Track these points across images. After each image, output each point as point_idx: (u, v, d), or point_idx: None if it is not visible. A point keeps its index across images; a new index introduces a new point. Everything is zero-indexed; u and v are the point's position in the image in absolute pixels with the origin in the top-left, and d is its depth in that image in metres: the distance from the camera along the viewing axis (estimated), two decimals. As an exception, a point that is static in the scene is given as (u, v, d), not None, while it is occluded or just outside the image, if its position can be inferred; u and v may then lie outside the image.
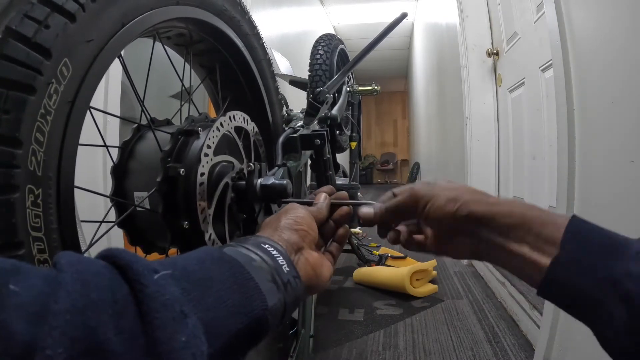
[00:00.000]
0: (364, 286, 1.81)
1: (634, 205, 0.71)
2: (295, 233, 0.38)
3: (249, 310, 0.28)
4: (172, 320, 0.22)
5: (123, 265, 0.23)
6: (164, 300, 0.22)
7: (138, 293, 0.22)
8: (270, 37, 2.61)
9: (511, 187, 1.89)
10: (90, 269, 0.21)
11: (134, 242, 0.52)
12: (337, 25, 5.81)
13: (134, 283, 0.22)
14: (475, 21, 2.10)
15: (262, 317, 0.29)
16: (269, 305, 0.30)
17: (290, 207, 0.41)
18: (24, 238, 0.30)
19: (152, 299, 0.22)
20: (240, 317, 0.27)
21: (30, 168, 0.31)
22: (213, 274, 0.28)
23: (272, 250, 0.34)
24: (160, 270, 0.24)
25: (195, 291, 0.25)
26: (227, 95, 0.72)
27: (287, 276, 0.33)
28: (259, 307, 0.29)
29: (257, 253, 0.33)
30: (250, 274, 0.30)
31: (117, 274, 0.22)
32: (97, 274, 0.21)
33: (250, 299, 0.29)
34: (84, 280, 0.20)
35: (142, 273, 0.22)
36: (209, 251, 0.31)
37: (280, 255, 0.34)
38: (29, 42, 0.30)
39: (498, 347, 1.20)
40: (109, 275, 0.22)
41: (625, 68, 0.74)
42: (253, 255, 0.32)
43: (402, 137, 9.86)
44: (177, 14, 0.50)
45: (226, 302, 0.27)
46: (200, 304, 0.25)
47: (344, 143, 1.27)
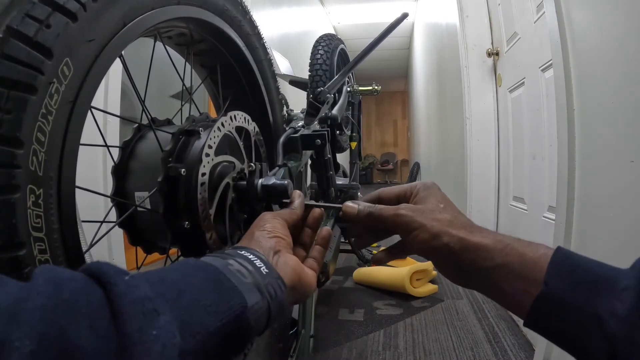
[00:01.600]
0: (364, 286, 1.81)
1: (634, 205, 0.71)
2: (269, 240, 0.37)
3: (227, 309, 0.28)
4: (141, 315, 0.22)
5: (96, 271, 0.23)
6: (134, 297, 0.22)
7: (109, 293, 0.22)
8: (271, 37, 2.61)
9: (511, 187, 1.89)
10: (64, 275, 0.22)
11: (134, 242, 0.51)
12: (337, 25, 5.81)
13: (106, 285, 0.22)
14: (475, 21, 2.10)
15: (241, 316, 0.28)
16: (248, 304, 0.29)
17: (260, 219, 0.40)
18: (25, 238, 0.30)
19: (122, 296, 0.22)
20: (218, 315, 0.27)
21: (31, 168, 0.31)
22: (188, 276, 0.28)
23: (249, 254, 0.34)
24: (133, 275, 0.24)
25: (169, 292, 0.25)
26: (227, 95, 0.72)
27: (267, 278, 0.32)
28: (238, 305, 0.28)
29: (234, 259, 0.32)
30: (226, 276, 0.30)
31: (90, 280, 0.22)
32: (71, 279, 0.21)
33: (228, 298, 0.28)
34: (56, 284, 0.20)
35: (112, 275, 0.23)
36: (186, 260, 0.31)
37: (257, 259, 0.33)
38: (30, 42, 0.30)
39: (498, 347, 1.20)
40: (82, 280, 0.22)
41: (625, 68, 0.74)
42: (230, 260, 0.32)
43: (402, 137, 9.86)
44: (178, 13, 0.50)
45: (202, 302, 0.27)
46: (175, 304, 0.25)
47: (344, 143, 1.27)
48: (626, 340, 0.28)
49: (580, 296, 0.30)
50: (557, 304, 0.31)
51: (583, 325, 0.30)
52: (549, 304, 0.31)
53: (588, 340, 0.29)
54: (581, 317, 0.30)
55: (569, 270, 0.32)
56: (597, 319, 0.29)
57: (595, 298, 0.30)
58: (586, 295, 0.30)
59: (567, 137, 0.95)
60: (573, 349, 0.31)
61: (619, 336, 0.28)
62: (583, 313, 0.30)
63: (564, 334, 0.31)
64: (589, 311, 0.29)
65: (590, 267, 0.32)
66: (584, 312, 0.30)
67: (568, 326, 0.30)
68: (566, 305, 0.30)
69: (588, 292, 0.30)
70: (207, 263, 0.31)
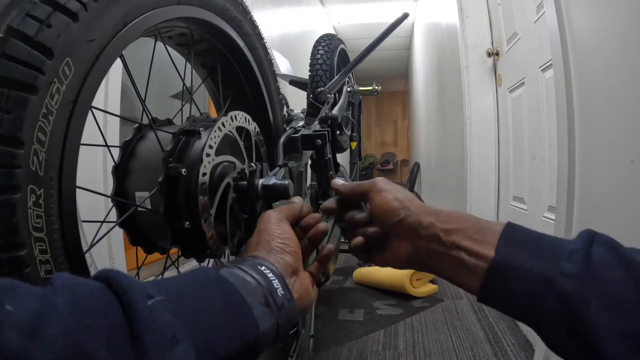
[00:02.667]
0: (364, 286, 1.81)
1: (634, 205, 0.71)
2: (288, 255, 0.38)
3: (241, 336, 0.29)
4: (163, 345, 0.22)
5: (118, 288, 0.23)
6: (156, 326, 0.23)
7: (132, 318, 0.22)
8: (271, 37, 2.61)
9: (511, 187, 1.89)
10: (85, 291, 0.22)
11: (134, 242, 0.51)
12: (337, 25, 5.81)
13: (128, 308, 0.22)
14: (475, 21, 2.10)
15: (253, 343, 0.30)
16: (260, 330, 0.30)
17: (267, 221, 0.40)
18: (26, 238, 0.30)
19: (145, 324, 0.22)
20: (232, 343, 0.28)
21: (32, 168, 0.30)
22: (206, 297, 0.29)
23: (268, 272, 0.34)
24: (154, 295, 0.24)
25: (187, 316, 0.26)
26: (228, 95, 0.72)
27: (281, 299, 0.33)
28: (252, 333, 0.30)
29: (252, 275, 0.33)
30: (244, 298, 0.30)
31: (112, 297, 0.23)
32: (92, 297, 0.22)
33: (243, 325, 0.29)
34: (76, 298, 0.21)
35: (136, 299, 0.23)
36: (205, 272, 0.31)
37: (275, 278, 0.34)
38: (30, 42, 0.30)
39: (498, 347, 1.20)
40: (103, 298, 0.22)
41: (625, 68, 0.74)
42: (248, 277, 0.33)
43: (402, 137, 9.86)
44: (179, 13, 0.50)
45: (219, 328, 0.27)
46: (193, 329, 0.25)
47: (344, 143, 1.27)
48: (580, 296, 0.28)
49: (530, 260, 0.31)
50: (509, 270, 0.32)
51: (536, 288, 0.30)
52: (502, 271, 0.32)
53: (542, 302, 0.30)
54: (533, 279, 0.30)
55: (518, 240, 0.33)
56: (548, 280, 0.30)
57: (545, 261, 0.31)
58: (536, 260, 0.31)
59: (567, 137, 0.95)
60: (529, 317, 0.32)
61: (572, 294, 0.29)
62: (534, 275, 0.30)
63: (518, 301, 0.32)
64: (540, 273, 0.30)
65: (538, 236, 0.33)
66: (535, 275, 0.30)
67: (521, 291, 0.31)
68: (518, 269, 0.31)
69: (538, 257, 0.31)
70: (225, 278, 0.31)
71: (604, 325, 0.27)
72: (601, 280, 0.28)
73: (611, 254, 0.29)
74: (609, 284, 0.28)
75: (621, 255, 0.29)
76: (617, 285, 0.28)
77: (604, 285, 0.28)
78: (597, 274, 0.29)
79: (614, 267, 0.28)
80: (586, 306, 0.28)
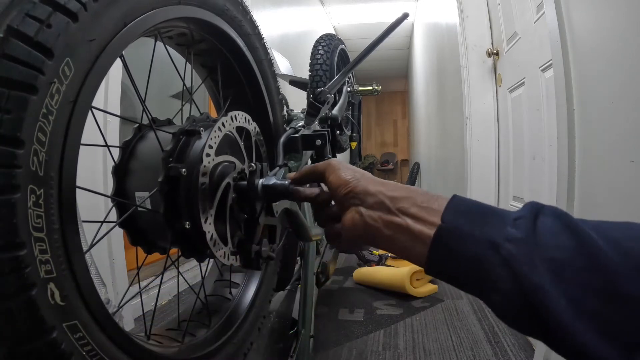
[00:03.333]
0: (364, 286, 1.81)
1: (634, 205, 0.71)
2: None
3: None
4: None
5: None
6: None
7: None
8: (271, 37, 2.61)
9: (511, 187, 1.89)
10: None
11: (134, 242, 0.51)
12: (337, 25, 5.81)
13: None
14: (475, 21, 2.10)
15: None
16: None
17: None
18: (26, 238, 0.30)
19: None
20: None
21: (32, 168, 0.30)
22: None
23: None
24: None
25: None
26: (228, 95, 0.72)
27: None
28: None
29: None
30: None
31: None
32: None
33: None
34: None
35: None
36: None
37: None
38: (30, 42, 0.30)
39: (498, 347, 1.20)
40: None
41: (625, 68, 0.74)
42: None
43: (402, 137, 9.86)
44: (179, 13, 0.50)
45: None
46: None
47: (344, 143, 1.27)
48: (525, 260, 0.29)
49: (476, 227, 0.31)
50: (455, 237, 0.32)
51: (481, 254, 0.30)
52: (448, 238, 0.32)
53: (489, 268, 0.30)
54: (479, 245, 0.31)
55: (464, 209, 0.33)
56: (494, 245, 0.30)
57: (490, 227, 0.31)
58: (481, 226, 0.31)
59: (567, 137, 0.95)
60: (475, 284, 0.32)
61: (517, 258, 0.29)
62: (480, 241, 0.31)
63: (464, 268, 0.32)
64: (486, 239, 0.31)
65: (485, 205, 0.34)
66: (481, 240, 0.31)
67: (467, 258, 0.31)
68: (463, 236, 0.32)
69: (483, 224, 0.31)
70: None
71: (549, 288, 0.27)
72: (547, 246, 0.29)
73: (558, 222, 0.30)
74: (555, 249, 0.28)
75: (568, 224, 0.29)
76: (563, 250, 0.28)
77: (549, 250, 0.28)
78: (542, 240, 0.29)
79: (561, 233, 0.29)
80: (531, 270, 0.28)
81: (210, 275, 0.76)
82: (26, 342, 0.30)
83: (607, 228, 0.29)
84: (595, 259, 0.27)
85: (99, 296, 0.37)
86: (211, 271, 0.77)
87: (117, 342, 0.39)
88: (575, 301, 0.27)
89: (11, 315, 0.29)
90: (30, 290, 0.30)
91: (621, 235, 0.28)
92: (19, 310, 0.29)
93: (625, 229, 0.29)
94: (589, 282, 0.27)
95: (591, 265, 0.27)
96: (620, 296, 0.26)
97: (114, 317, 0.40)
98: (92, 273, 1.05)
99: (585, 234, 0.28)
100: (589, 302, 0.27)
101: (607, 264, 0.27)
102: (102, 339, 0.37)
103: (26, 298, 0.30)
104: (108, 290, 1.21)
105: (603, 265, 0.27)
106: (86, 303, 0.35)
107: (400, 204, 0.36)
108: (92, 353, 0.35)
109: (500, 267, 0.29)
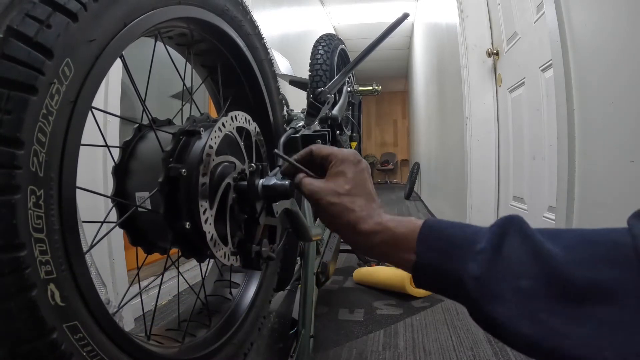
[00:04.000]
0: (364, 286, 1.81)
1: (634, 205, 0.71)
2: None
3: None
4: None
5: None
6: None
7: None
8: (271, 37, 2.61)
9: (511, 187, 1.89)
10: None
11: (135, 242, 0.51)
12: (337, 25, 5.81)
13: None
14: (475, 21, 2.10)
15: None
16: None
17: None
18: (26, 239, 0.30)
19: None
20: None
21: (32, 169, 0.30)
22: None
23: None
24: None
25: None
26: (228, 95, 0.72)
27: None
28: None
29: None
30: None
31: None
32: None
33: None
34: None
35: None
36: None
37: None
38: (30, 42, 0.30)
39: (498, 347, 1.20)
40: None
41: (625, 68, 0.74)
42: None
43: (402, 137, 9.86)
44: (179, 13, 0.50)
45: None
46: None
47: (344, 143, 1.27)
48: (483, 296, 0.31)
49: (446, 262, 0.34)
50: (430, 271, 0.34)
51: (453, 287, 0.33)
52: (425, 272, 0.35)
53: (460, 300, 0.33)
54: (449, 280, 0.33)
55: (434, 239, 0.35)
56: (460, 281, 0.32)
57: (457, 262, 0.33)
58: (450, 261, 0.33)
59: (567, 137, 0.95)
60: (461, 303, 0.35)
61: (475, 294, 0.31)
62: (450, 277, 0.33)
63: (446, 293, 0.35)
64: (454, 275, 0.33)
65: (453, 233, 0.35)
66: (451, 276, 0.33)
67: (444, 289, 0.35)
68: (437, 270, 0.34)
69: (451, 258, 0.33)
70: None
71: (511, 323, 0.29)
72: (508, 277, 0.30)
73: (523, 247, 0.31)
74: (516, 279, 0.30)
75: (533, 247, 0.31)
76: (526, 280, 0.30)
77: (511, 280, 0.30)
78: (504, 271, 0.30)
79: (524, 261, 0.30)
80: (489, 303, 0.30)
81: (211, 275, 0.76)
82: (26, 343, 0.30)
83: (562, 234, 0.31)
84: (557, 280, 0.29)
85: (99, 296, 0.37)
86: (211, 271, 0.77)
87: (117, 342, 0.39)
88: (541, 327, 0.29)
89: (11, 316, 0.29)
90: (31, 291, 0.30)
91: (572, 240, 0.30)
92: (19, 311, 0.29)
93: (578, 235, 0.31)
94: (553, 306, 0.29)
95: (556, 291, 0.29)
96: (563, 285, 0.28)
97: (114, 318, 0.40)
98: (92, 273, 1.05)
99: (547, 257, 0.30)
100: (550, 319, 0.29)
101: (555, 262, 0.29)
102: (102, 340, 0.37)
103: (26, 299, 0.30)
104: (108, 290, 1.21)
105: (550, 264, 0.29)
106: (86, 303, 0.35)
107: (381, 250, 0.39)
108: (92, 353, 0.35)
109: (465, 300, 0.32)
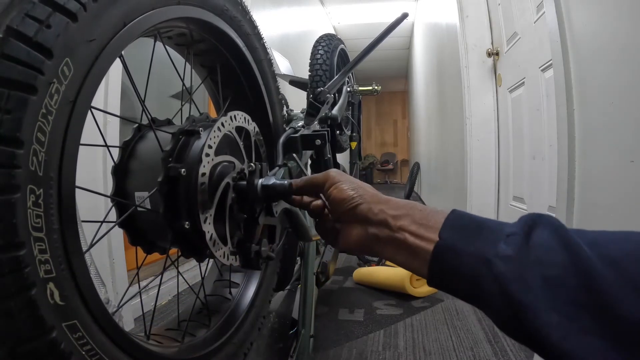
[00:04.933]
0: (364, 286, 1.81)
1: (634, 205, 0.71)
2: None
3: None
4: None
5: None
6: None
7: None
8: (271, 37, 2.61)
9: (511, 187, 1.89)
10: None
11: (134, 242, 0.51)
12: (337, 25, 5.81)
13: None
14: (475, 21, 2.10)
15: None
16: None
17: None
18: (25, 238, 0.30)
19: None
20: None
21: (31, 168, 0.30)
22: None
23: None
24: None
25: None
26: (227, 95, 0.72)
27: None
28: None
29: None
30: None
31: None
32: None
33: None
34: None
35: None
36: None
37: None
38: (30, 42, 0.30)
39: (498, 347, 1.20)
40: None
41: (625, 68, 0.74)
42: None
43: (402, 137, 9.86)
44: (178, 13, 0.50)
45: None
46: None
47: (344, 143, 1.27)
48: (514, 278, 0.29)
49: (470, 244, 0.33)
50: (451, 254, 0.33)
51: (475, 270, 0.32)
52: (444, 254, 0.34)
53: (482, 284, 0.31)
54: (472, 262, 0.32)
55: (460, 225, 0.35)
56: (486, 262, 0.31)
57: (483, 244, 0.32)
58: (475, 243, 0.32)
59: (567, 137, 0.95)
60: (472, 299, 0.33)
61: (508, 275, 0.30)
62: (474, 258, 0.32)
63: (461, 284, 0.33)
64: (479, 255, 0.32)
65: (479, 220, 0.34)
66: (475, 257, 0.32)
67: (463, 274, 0.33)
68: (459, 252, 0.33)
69: (477, 240, 0.33)
70: None
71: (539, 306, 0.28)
72: (539, 263, 0.29)
73: (553, 237, 0.30)
74: (547, 266, 0.29)
75: (563, 238, 0.29)
76: (556, 268, 0.28)
77: (541, 267, 0.29)
78: (535, 256, 0.29)
79: (554, 249, 0.29)
80: (520, 288, 0.29)
81: (210, 275, 0.76)
82: (26, 342, 0.30)
83: (603, 242, 0.29)
84: (589, 278, 0.27)
85: (99, 296, 0.37)
86: (211, 271, 0.77)
87: (117, 342, 0.39)
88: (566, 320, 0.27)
89: (11, 314, 0.29)
90: (30, 290, 0.30)
91: (618, 252, 0.28)
92: (19, 310, 0.29)
93: (623, 242, 0.29)
94: (582, 301, 0.27)
95: (584, 284, 0.27)
96: (614, 317, 0.26)
97: (114, 317, 0.40)
98: (92, 273, 1.05)
99: (579, 250, 0.28)
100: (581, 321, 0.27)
101: (601, 283, 0.27)
102: (102, 339, 0.37)
103: (26, 298, 0.30)
104: (108, 290, 1.21)
105: (597, 285, 0.27)
106: (86, 303, 0.35)
107: (400, 222, 0.38)
108: (91, 353, 0.35)
109: (491, 283, 0.30)
